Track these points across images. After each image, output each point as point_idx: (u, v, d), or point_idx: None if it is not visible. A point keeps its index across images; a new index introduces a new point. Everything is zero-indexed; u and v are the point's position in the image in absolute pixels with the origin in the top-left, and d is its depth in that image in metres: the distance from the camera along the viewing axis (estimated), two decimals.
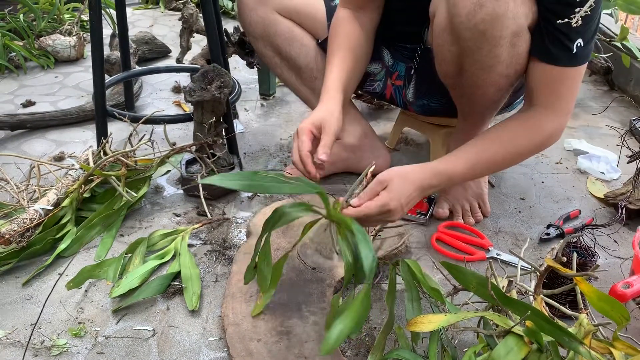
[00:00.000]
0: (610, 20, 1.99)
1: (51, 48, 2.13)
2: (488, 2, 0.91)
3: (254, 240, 1.09)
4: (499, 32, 0.94)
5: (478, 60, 1.00)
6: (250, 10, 1.28)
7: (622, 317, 0.72)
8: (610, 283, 0.96)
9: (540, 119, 1.02)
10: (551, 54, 0.96)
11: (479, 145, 1.02)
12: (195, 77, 1.22)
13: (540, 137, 1.04)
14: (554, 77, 0.98)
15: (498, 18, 0.92)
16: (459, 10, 0.94)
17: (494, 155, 1.02)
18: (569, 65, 0.96)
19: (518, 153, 1.05)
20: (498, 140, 1.03)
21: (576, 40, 0.93)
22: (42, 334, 0.91)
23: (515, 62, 0.99)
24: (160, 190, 1.34)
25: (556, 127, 1.03)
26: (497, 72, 1.01)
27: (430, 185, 0.97)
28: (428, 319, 0.78)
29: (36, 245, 1.08)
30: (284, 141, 1.60)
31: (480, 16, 0.92)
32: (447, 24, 1.00)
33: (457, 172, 1.00)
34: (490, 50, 0.97)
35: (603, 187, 1.39)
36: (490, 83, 1.04)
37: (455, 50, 1.02)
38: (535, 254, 1.16)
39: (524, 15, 0.93)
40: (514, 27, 0.94)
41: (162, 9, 2.89)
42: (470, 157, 1.01)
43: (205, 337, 0.92)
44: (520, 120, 1.04)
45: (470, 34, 0.95)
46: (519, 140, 1.03)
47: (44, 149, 1.53)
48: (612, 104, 1.87)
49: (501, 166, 1.11)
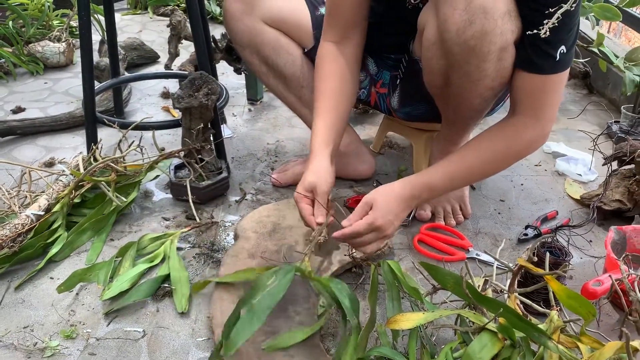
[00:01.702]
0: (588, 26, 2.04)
1: (40, 54, 2.14)
2: (478, 19, 0.94)
3: (242, 244, 1.12)
4: (487, 48, 0.97)
5: (466, 73, 1.04)
6: (236, 20, 1.31)
7: (589, 313, 0.76)
8: (584, 281, 1.00)
9: (520, 128, 1.06)
10: (535, 63, 1.00)
11: (459, 157, 1.07)
12: (183, 84, 1.25)
13: (519, 146, 1.07)
14: (537, 86, 1.02)
15: (487, 35, 0.96)
16: (449, 26, 0.98)
17: (473, 166, 1.06)
18: (552, 72, 1.00)
19: (497, 163, 1.09)
20: (477, 151, 1.07)
21: (559, 48, 0.97)
22: (35, 336, 0.94)
23: (500, 75, 1.03)
24: (150, 195, 1.37)
25: (536, 135, 1.06)
26: (483, 85, 1.05)
27: (413, 197, 1.03)
28: (407, 317, 0.82)
29: (28, 250, 1.10)
30: (271, 146, 1.63)
31: (470, 33, 0.96)
32: (436, 38, 1.04)
33: (438, 184, 1.05)
34: (478, 65, 1.01)
35: (580, 189, 1.44)
36: (476, 95, 1.08)
37: (443, 63, 1.07)
38: (513, 254, 1.20)
39: (511, 31, 0.97)
40: (501, 43, 0.97)
41: (150, 14, 2.92)
42: (450, 169, 1.06)
43: (194, 337, 0.96)
44: (500, 130, 1.08)
45: (460, 49, 0.99)
46: (498, 150, 1.07)
47: (34, 155, 1.55)
48: (592, 107, 1.92)
49: (482, 176, 1.17)
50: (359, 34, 1.20)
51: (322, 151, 1.11)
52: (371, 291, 0.95)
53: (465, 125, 1.24)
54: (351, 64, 1.19)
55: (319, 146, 1.11)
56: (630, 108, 1.70)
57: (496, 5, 0.93)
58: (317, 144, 1.11)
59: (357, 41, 1.20)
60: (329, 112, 1.14)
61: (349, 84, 1.19)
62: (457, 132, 1.26)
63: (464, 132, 1.26)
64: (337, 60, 1.17)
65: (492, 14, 0.94)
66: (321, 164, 1.09)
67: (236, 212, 1.31)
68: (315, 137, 1.12)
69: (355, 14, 1.16)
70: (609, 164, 1.31)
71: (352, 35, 1.19)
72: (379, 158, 1.57)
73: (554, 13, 0.84)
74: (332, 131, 1.13)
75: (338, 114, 1.15)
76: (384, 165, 1.53)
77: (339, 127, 1.16)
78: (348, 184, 1.43)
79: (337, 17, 1.16)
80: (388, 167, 1.53)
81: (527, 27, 0.93)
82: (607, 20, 1.74)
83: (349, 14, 1.16)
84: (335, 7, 1.16)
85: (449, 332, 0.96)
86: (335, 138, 1.14)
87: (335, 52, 1.18)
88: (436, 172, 1.06)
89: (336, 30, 1.17)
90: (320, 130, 1.13)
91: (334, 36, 1.18)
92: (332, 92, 1.16)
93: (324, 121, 1.13)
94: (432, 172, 1.06)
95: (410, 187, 1.03)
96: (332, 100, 1.15)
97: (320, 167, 1.08)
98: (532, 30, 0.88)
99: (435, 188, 1.06)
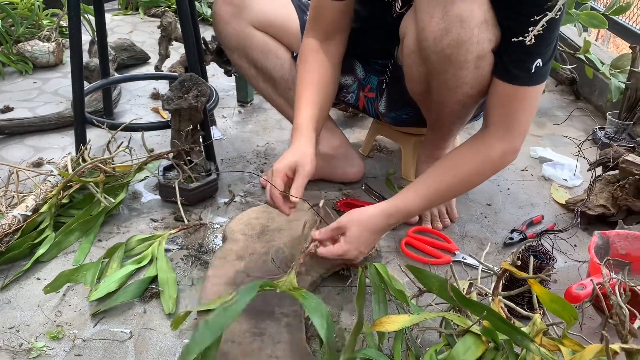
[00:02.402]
0: (575, 33, 2.07)
1: (29, 54, 2.14)
2: (454, 28, 0.96)
3: (230, 246, 1.13)
4: (463, 57, 0.99)
5: (444, 81, 1.05)
6: (225, 24, 1.32)
7: (571, 316, 0.78)
8: (568, 285, 1.01)
9: (491, 143, 1.07)
10: (511, 73, 1.01)
11: (435, 178, 1.08)
12: (172, 86, 1.26)
13: (491, 162, 1.08)
14: (511, 96, 1.03)
15: (463, 43, 0.97)
16: (427, 35, 1.00)
17: (449, 186, 1.08)
18: (527, 84, 1.01)
19: (472, 180, 1.10)
20: (453, 170, 1.08)
21: (535, 61, 0.99)
22: (21, 337, 0.94)
23: (479, 83, 1.05)
24: (138, 196, 1.37)
25: (508, 149, 1.07)
26: (462, 92, 1.06)
27: (389, 225, 1.07)
28: (392, 319, 0.83)
29: (15, 250, 1.10)
30: (261, 148, 1.64)
31: (446, 41, 0.98)
32: (415, 46, 1.06)
33: (414, 208, 1.08)
34: (455, 73, 1.02)
35: (566, 194, 1.46)
36: (456, 101, 1.10)
37: (423, 70, 1.08)
38: (499, 257, 1.21)
39: (488, 40, 0.99)
40: (478, 51, 0.99)
41: (141, 15, 2.91)
42: (427, 192, 1.07)
43: (181, 338, 0.96)
44: (472, 147, 1.09)
45: (437, 57, 1.01)
46: (472, 167, 1.08)
47: (23, 155, 1.54)
48: (579, 113, 1.95)
49: (459, 193, 1.18)
50: (343, 37, 1.21)
51: (307, 135, 1.08)
52: (358, 294, 0.96)
53: (449, 130, 1.25)
54: (334, 62, 1.20)
55: (304, 129, 1.09)
56: (616, 114, 1.73)
57: (473, 14, 0.95)
58: (302, 127, 1.09)
59: (340, 43, 1.21)
60: (314, 103, 1.13)
61: (331, 79, 1.20)
62: (442, 137, 1.28)
63: (448, 136, 1.28)
64: (321, 56, 1.18)
65: (469, 22, 0.95)
66: (306, 146, 1.06)
67: (225, 214, 1.32)
68: (299, 119, 1.11)
69: (339, 20, 1.17)
70: (593, 169, 1.33)
71: (335, 38, 1.19)
72: (368, 161, 1.58)
73: (539, 21, 0.85)
74: (315, 121, 1.12)
75: (321, 107, 1.15)
76: (372, 169, 1.54)
77: (321, 120, 1.16)
78: (337, 186, 1.44)
79: (320, 22, 1.17)
80: (377, 171, 1.54)
81: (513, 35, 0.94)
82: (594, 27, 1.77)
83: (332, 20, 1.16)
84: (319, 12, 1.16)
85: (434, 335, 0.97)
86: (317, 128, 1.13)
87: (319, 48, 1.18)
88: (413, 197, 1.07)
89: (319, 32, 1.18)
90: (305, 115, 1.11)
91: (317, 35, 1.18)
92: (317, 84, 1.16)
93: (309, 110, 1.12)
94: (409, 197, 1.07)
95: (387, 216, 1.04)
96: (316, 94, 1.15)
97: (306, 150, 1.05)
98: (517, 38, 0.90)
99: (412, 212, 1.09)
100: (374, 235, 1.05)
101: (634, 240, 1.13)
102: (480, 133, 1.10)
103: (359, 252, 1.04)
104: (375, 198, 1.39)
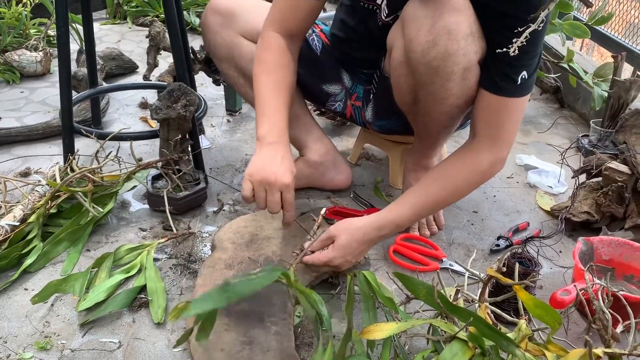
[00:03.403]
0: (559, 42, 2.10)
1: (17, 63, 2.13)
2: (441, 40, 0.98)
3: (219, 254, 1.13)
4: (450, 68, 1.01)
5: (431, 92, 1.07)
6: (214, 34, 1.33)
7: (555, 321, 0.79)
8: (553, 291, 1.03)
9: (479, 153, 1.09)
10: (497, 84, 1.03)
11: (424, 190, 1.10)
12: (161, 96, 1.26)
13: (479, 172, 1.11)
14: (497, 107, 1.05)
15: (450, 55, 0.99)
16: (414, 47, 1.02)
17: (438, 197, 1.10)
18: (513, 95, 1.03)
19: (460, 191, 1.13)
20: (441, 182, 1.10)
21: (521, 72, 1.01)
22: (8, 348, 0.93)
23: (465, 94, 1.07)
24: (127, 206, 1.37)
25: (494, 159, 1.09)
26: (449, 103, 1.08)
27: (379, 237, 1.08)
28: (380, 327, 0.83)
29: (2, 261, 1.10)
30: (250, 156, 1.64)
31: (433, 54, 1.00)
32: (403, 58, 1.08)
33: (404, 220, 1.09)
34: (442, 85, 1.04)
35: (551, 201, 1.48)
36: (443, 112, 1.12)
37: (411, 81, 1.10)
38: (485, 264, 1.23)
39: (474, 52, 1.01)
40: (464, 63, 1.01)
41: (129, 24, 2.91)
42: (416, 204, 1.09)
43: (170, 348, 0.96)
44: (460, 158, 1.11)
45: (425, 69, 1.03)
46: (460, 179, 1.10)
47: (10, 164, 1.54)
48: (563, 121, 1.98)
49: (448, 204, 1.20)
50: (302, 37, 1.21)
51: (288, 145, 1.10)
52: (348, 302, 0.97)
53: (435, 139, 1.27)
54: (295, 59, 1.19)
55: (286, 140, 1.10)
56: (599, 122, 1.76)
57: (460, 27, 0.97)
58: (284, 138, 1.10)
59: (300, 42, 1.21)
60: (286, 111, 1.13)
61: (294, 77, 1.18)
62: (429, 145, 1.30)
63: (435, 145, 1.30)
64: (287, 51, 1.16)
65: (456, 35, 0.97)
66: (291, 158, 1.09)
67: (214, 222, 1.32)
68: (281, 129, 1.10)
69: (308, 20, 1.17)
70: (577, 177, 1.36)
71: (299, 37, 1.20)
72: (356, 169, 1.59)
73: (522, 32, 0.87)
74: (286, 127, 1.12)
75: (288, 109, 1.14)
76: (360, 177, 1.56)
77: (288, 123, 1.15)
78: (325, 194, 1.45)
79: (289, 20, 1.15)
80: (365, 179, 1.55)
81: (497, 46, 0.96)
82: (576, 37, 1.80)
83: (303, 19, 1.16)
84: (289, 10, 1.15)
85: (422, 341, 0.98)
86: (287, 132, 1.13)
87: (283, 45, 1.15)
88: (403, 209, 1.08)
89: (285, 28, 1.16)
90: (284, 122, 1.11)
91: (282, 31, 1.16)
92: (284, 84, 1.14)
93: (284, 118, 1.12)
94: (399, 209, 1.08)
95: (377, 227, 1.06)
96: (286, 92, 1.14)
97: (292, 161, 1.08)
98: (501, 49, 0.92)
99: (402, 224, 1.10)
100: (362, 245, 1.06)
101: (617, 247, 1.16)
102: (467, 144, 1.12)
103: (345, 260, 1.05)
104: (364, 206, 1.40)
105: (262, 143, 1.08)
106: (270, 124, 1.09)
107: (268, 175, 1.02)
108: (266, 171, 1.03)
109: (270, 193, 1.04)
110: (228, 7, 1.32)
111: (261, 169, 1.03)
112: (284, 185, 1.03)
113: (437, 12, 0.97)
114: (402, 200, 1.10)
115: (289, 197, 1.05)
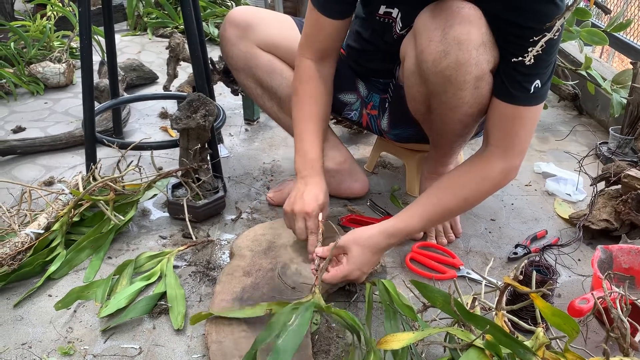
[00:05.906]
0: (576, 49, 2.09)
1: (41, 75, 2.18)
2: (453, 50, 0.99)
3: (237, 262, 1.15)
4: (462, 77, 1.02)
5: (444, 101, 1.08)
6: (232, 45, 1.36)
7: (572, 330, 0.79)
8: (572, 299, 1.02)
9: (491, 161, 1.09)
10: (510, 93, 1.03)
11: (436, 199, 1.10)
12: (181, 106, 1.29)
13: (491, 181, 1.10)
14: (511, 116, 1.05)
15: (462, 65, 1.00)
16: (426, 57, 1.03)
17: (450, 206, 1.10)
18: (526, 104, 1.04)
19: (472, 200, 1.13)
20: (453, 190, 1.10)
21: (535, 81, 1.01)
22: (33, 353, 0.96)
23: (478, 102, 1.07)
24: (147, 214, 1.39)
25: (507, 168, 1.09)
26: (462, 111, 1.09)
27: (389, 245, 1.09)
28: (397, 337, 0.84)
29: (27, 268, 1.13)
30: (267, 165, 1.67)
31: (445, 63, 1.01)
32: (415, 68, 1.09)
33: (415, 228, 1.10)
34: (455, 93, 1.05)
35: (569, 209, 1.47)
36: (457, 120, 1.12)
37: (424, 91, 1.11)
38: (503, 272, 1.22)
39: (486, 61, 1.01)
40: (477, 72, 1.02)
41: (149, 35, 2.97)
42: (428, 212, 1.09)
43: (190, 354, 0.97)
44: (472, 166, 1.11)
45: (437, 78, 1.04)
46: (472, 187, 1.10)
47: (34, 174, 1.58)
48: (582, 129, 1.97)
49: (459, 212, 1.21)
50: (335, 57, 1.24)
51: (321, 173, 1.18)
52: (367, 310, 0.97)
53: (451, 147, 1.28)
54: (328, 84, 1.24)
55: (320, 168, 1.18)
56: (618, 129, 1.74)
57: (470, 37, 0.98)
58: (317, 166, 1.18)
59: (333, 63, 1.25)
60: (320, 137, 1.20)
61: (329, 106, 1.26)
62: (444, 153, 1.30)
63: (451, 153, 1.30)
64: (319, 80, 1.21)
65: (467, 45, 0.98)
66: (324, 185, 1.17)
67: (232, 230, 1.34)
68: (314, 158, 1.18)
69: (335, 39, 1.20)
70: (595, 184, 1.35)
71: (330, 58, 1.23)
72: (372, 177, 1.60)
73: (538, 41, 0.88)
74: (322, 155, 1.20)
75: (320, 138, 1.21)
76: (377, 185, 1.56)
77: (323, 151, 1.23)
78: (342, 202, 1.46)
79: (316, 42, 1.19)
80: (381, 187, 1.56)
81: (512, 55, 0.97)
82: (595, 44, 1.79)
83: (329, 39, 1.19)
84: (315, 32, 1.19)
85: (439, 349, 0.98)
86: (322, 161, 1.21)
87: (315, 71, 1.21)
88: (413, 217, 1.09)
89: (314, 51, 1.20)
90: (317, 153, 1.19)
91: (312, 55, 1.21)
92: (318, 115, 1.22)
93: (319, 145, 1.20)
94: (409, 217, 1.09)
95: (388, 236, 1.07)
96: (319, 122, 1.21)
97: (325, 189, 1.17)
98: (516, 58, 0.92)
99: (413, 232, 1.11)
100: (375, 255, 1.07)
101: (637, 255, 1.14)
102: (480, 152, 1.12)
103: (361, 273, 1.06)
104: (380, 214, 1.41)
105: (297, 177, 1.19)
106: (302, 158, 1.19)
107: (294, 207, 1.13)
108: (294, 203, 1.13)
109: (295, 221, 1.13)
110: (245, 19, 1.35)
111: (292, 203, 1.14)
112: (306, 214, 1.11)
113: (447, 24, 0.98)
114: (411, 208, 1.10)
115: (309, 224, 1.12)
